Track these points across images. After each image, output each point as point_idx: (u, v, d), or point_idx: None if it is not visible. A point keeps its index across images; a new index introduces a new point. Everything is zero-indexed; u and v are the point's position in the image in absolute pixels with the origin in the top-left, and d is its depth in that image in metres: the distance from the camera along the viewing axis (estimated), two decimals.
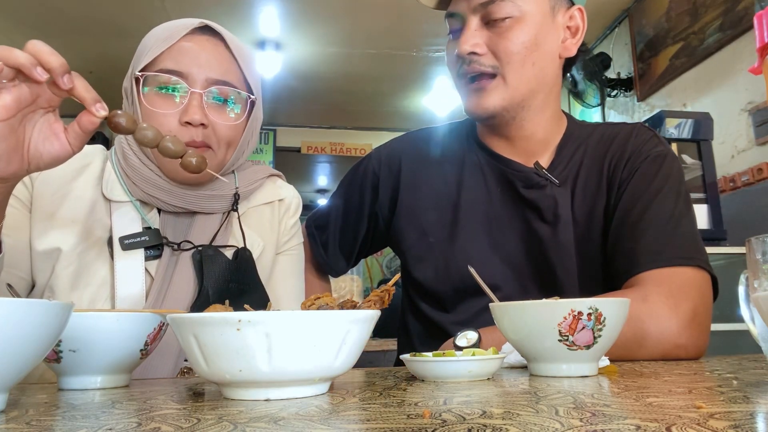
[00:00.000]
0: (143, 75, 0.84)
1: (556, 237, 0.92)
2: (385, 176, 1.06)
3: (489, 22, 0.89)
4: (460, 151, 1.03)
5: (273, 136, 5.35)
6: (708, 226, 2.22)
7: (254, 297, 0.86)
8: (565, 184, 0.95)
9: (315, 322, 0.46)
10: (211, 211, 0.91)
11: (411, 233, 1.01)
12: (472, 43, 0.88)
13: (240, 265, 0.88)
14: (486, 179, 0.99)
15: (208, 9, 3.54)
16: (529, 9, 0.88)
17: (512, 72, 0.89)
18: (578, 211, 0.93)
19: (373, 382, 0.59)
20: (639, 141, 0.95)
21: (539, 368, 0.62)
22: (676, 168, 0.93)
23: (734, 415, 0.34)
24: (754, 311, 0.61)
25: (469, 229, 0.97)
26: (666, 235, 0.85)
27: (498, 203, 0.97)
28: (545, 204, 0.93)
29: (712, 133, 2.32)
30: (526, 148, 0.97)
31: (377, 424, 0.35)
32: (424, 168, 1.03)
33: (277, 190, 1.02)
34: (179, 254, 0.86)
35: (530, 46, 0.89)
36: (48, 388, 0.62)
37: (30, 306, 0.42)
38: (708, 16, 2.82)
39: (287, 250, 1.01)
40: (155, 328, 0.64)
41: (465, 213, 0.98)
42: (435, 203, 1.00)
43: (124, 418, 0.40)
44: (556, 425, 0.32)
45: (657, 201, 0.88)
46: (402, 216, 1.02)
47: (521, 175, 0.96)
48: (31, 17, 3.55)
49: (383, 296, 0.60)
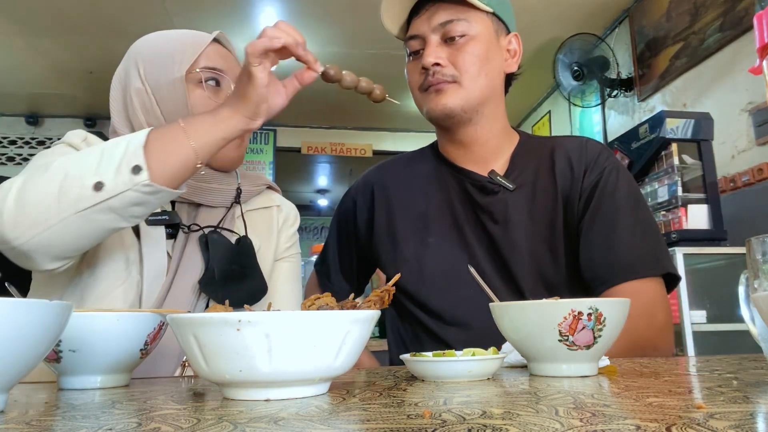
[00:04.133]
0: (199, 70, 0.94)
1: (507, 236, 1.01)
2: (360, 203, 1.18)
3: (447, 40, 1.01)
4: (426, 168, 1.14)
5: (273, 136, 5.34)
6: (708, 226, 2.22)
7: (254, 281, 0.94)
8: (521, 189, 1.04)
9: (315, 323, 0.46)
10: (215, 204, 0.98)
11: (388, 246, 1.11)
12: (436, 56, 1.00)
13: (242, 249, 0.95)
14: (449, 189, 1.09)
15: (209, 9, 3.54)
16: (479, 29, 1.02)
17: (468, 79, 1.00)
18: (534, 214, 1.02)
19: (373, 382, 0.59)
20: (592, 153, 1.04)
21: (539, 368, 0.62)
22: (630, 177, 1.05)
23: (734, 415, 0.34)
24: (754, 311, 0.61)
25: (438, 234, 1.07)
26: (635, 245, 0.95)
27: (459, 209, 1.07)
28: (497, 208, 1.04)
29: (712, 133, 2.32)
30: (482, 156, 1.08)
31: (377, 424, 0.35)
32: (394, 189, 1.14)
33: (275, 199, 1.10)
34: (188, 236, 0.93)
35: (483, 59, 1.01)
36: (48, 388, 0.62)
37: (30, 306, 0.42)
38: (708, 16, 2.82)
39: (287, 257, 1.07)
40: (155, 328, 0.64)
41: (433, 221, 1.08)
42: (406, 216, 1.11)
43: (124, 418, 0.40)
44: (556, 425, 0.32)
45: (622, 212, 0.97)
46: (378, 234, 1.12)
47: (477, 183, 1.06)
48: (31, 17, 3.55)
49: (383, 296, 0.60)
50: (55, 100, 4.80)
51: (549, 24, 3.68)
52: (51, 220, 0.70)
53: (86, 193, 0.71)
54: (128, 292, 0.85)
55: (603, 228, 0.96)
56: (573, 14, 3.59)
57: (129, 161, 0.72)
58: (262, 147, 5.32)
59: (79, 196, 0.71)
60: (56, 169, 0.73)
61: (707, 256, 2.24)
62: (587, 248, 0.97)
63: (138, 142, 0.74)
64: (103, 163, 0.72)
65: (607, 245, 0.95)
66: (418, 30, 1.03)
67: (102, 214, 0.72)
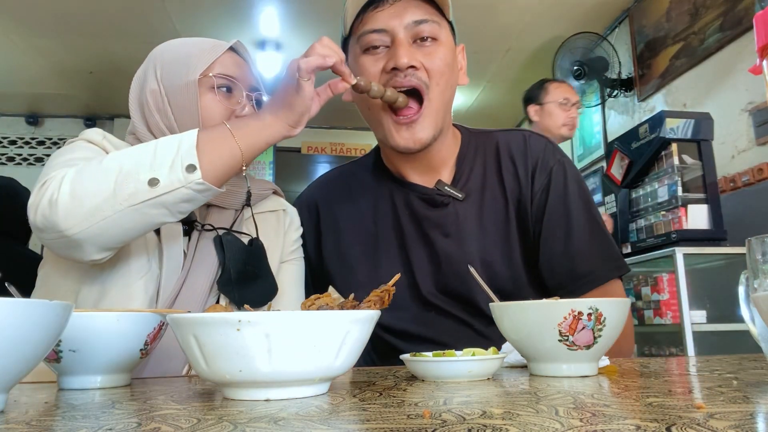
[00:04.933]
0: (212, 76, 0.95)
1: (460, 250, 0.98)
2: (306, 224, 1.11)
3: (416, 41, 0.95)
4: (371, 183, 1.09)
5: None
6: (708, 226, 2.22)
7: (267, 282, 0.96)
8: (470, 197, 1.01)
9: (315, 323, 0.46)
10: (226, 206, 1.00)
11: (339, 269, 1.07)
12: (411, 57, 0.93)
13: (255, 251, 0.97)
14: (396, 205, 1.04)
15: (209, 9, 3.54)
16: (445, 35, 0.98)
17: (436, 92, 0.95)
18: (485, 222, 0.99)
19: (373, 382, 0.59)
20: (536, 150, 1.01)
21: (539, 368, 0.62)
22: (576, 171, 1.03)
23: (734, 415, 0.34)
24: (754, 311, 0.61)
25: (389, 255, 1.03)
26: (594, 252, 0.96)
27: (407, 226, 1.03)
28: (448, 221, 1.00)
29: (712, 133, 2.31)
30: (429, 166, 1.03)
31: (377, 424, 0.35)
32: (340, 208, 1.09)
33: (281, 203, 1.11)
34: (200, 234, 0.95)
35: (450, 68, 0.97)
36: (48, 388, 0.62)
37: (30, 306, 0.42)
38: (708, 16, 2.82)
39: (292, 260, 1.07)
40: (155, 328, 0.64)
41: (382, 241, 1.04)
42: (355, 238, 1.06)
43: (124, 418, 0.40)
44: (556, 425, 0.32)
45: (576, 214, 0.97)
46: (328, 256, 1.08)
47: (425, 197, 1.02)
48: (31, 17, 3.55)
49: (383, 296, 0.60)
50: (55, 100, 4.80)
51: (549, 24, 3.68)
52: (106, 211, 0.74)
53: (142, 188, 0.75)
54: (149, 285, 0.87)
55: (560, 235, 0.96)
56: (573, 14, 3.59)
57: (183, 160, 0.77)
58: None
59: (135, 190, 0.75)
60: (110, 163, 0.77)
61: (707, 256, 2.24)
62: (547, 258, 0.97)
63: (190, 142, 0.78)
64: (157, 160, 0.77)
65: (566, 255, 0.96)
66: (386, 24, 0.94)
67: (154, 209, 0.76)
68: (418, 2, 0.95)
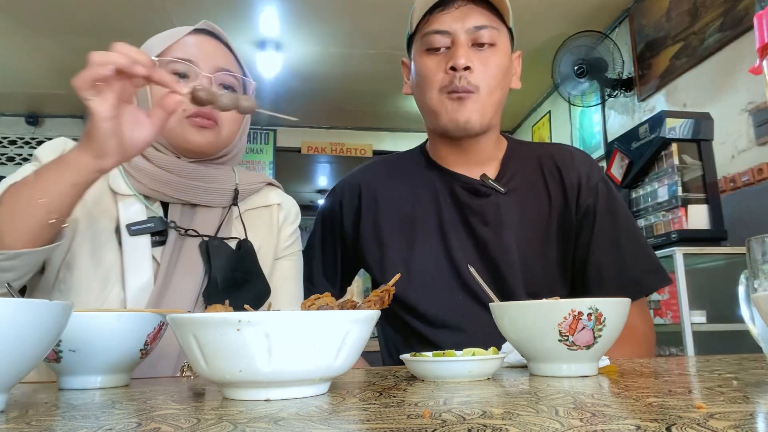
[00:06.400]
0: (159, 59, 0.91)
1: (498, 239, 1.02)
2: (347, 203, 1.15)
3: (474, 45, 1.00)
4: (414, 171, 1.13)
5: (273, 136, 5.33)
6: (708, 226, 2.22)
7: (257, 285, 0.93)
8: (512, 193, 1.05)
9: (315, 323, 0.46)
10: (212, 205, 0.96)
11: (374, 248, 1.09)
12: (469, 59, 0.97)
13: (243, 255, 0.94)
14: (437, 191, 1.08)
15: (209, 9, 3.54)
16: (503, 41, 1.03)
17: (487, 92, 1.00)
18: (526, 218, 1.03)
19: (373, 382, 0.59)
20: (583, 167, 1.07)
21: (539, 368, 0.62)
22: (616, 191, 1.09)
23: (734, 415, 0.34)
24: (754, 311, 0.61)
25: (425, 237, 1.05)
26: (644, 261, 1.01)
27: (448, 212, 1.06)
28: (489, 210, 1.04)
29: (712, 133, 2.31)
30: (475, 160, 1.07)
31: (377, 424, 0.35)
32: (381, 190, 1.12)
33: (275, 196, 1.08)
34: (183, 240, 0.91)
35: (503, 73, 1.02)
36: (48, 388, 0.62)
37: (30, 306, 0.42)
38: (708, 16, 2.81)
39: (288, 255, 1.05)
40: (155, 328, 0.64)
41: (420, 223, 1.07)
42: (393, 218, 1.09)
43: (124, 418, 0.40)
44: (556, 425, 0.32)
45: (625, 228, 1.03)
46: (365, 235, 1.11)
47: (468, 186, 1.06)
48: (31, 17, 3.55)
49: (383, 296, 0.60)
50: (55, 100, 4.79)
51: (549, 24, 3.68)
52: None
53: None
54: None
55: (607, 247, 1.01)
56: (573, 14, 3.59)
57: None
58: (262, 147, 5.31)
59: None
60: None
61: (707, 256, 2.24)
62: (596, 270, 1.01)
63: None
64: None
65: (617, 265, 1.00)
66: (449, 26, 0.99)
67: None
68: (481, 9, 1.00)
